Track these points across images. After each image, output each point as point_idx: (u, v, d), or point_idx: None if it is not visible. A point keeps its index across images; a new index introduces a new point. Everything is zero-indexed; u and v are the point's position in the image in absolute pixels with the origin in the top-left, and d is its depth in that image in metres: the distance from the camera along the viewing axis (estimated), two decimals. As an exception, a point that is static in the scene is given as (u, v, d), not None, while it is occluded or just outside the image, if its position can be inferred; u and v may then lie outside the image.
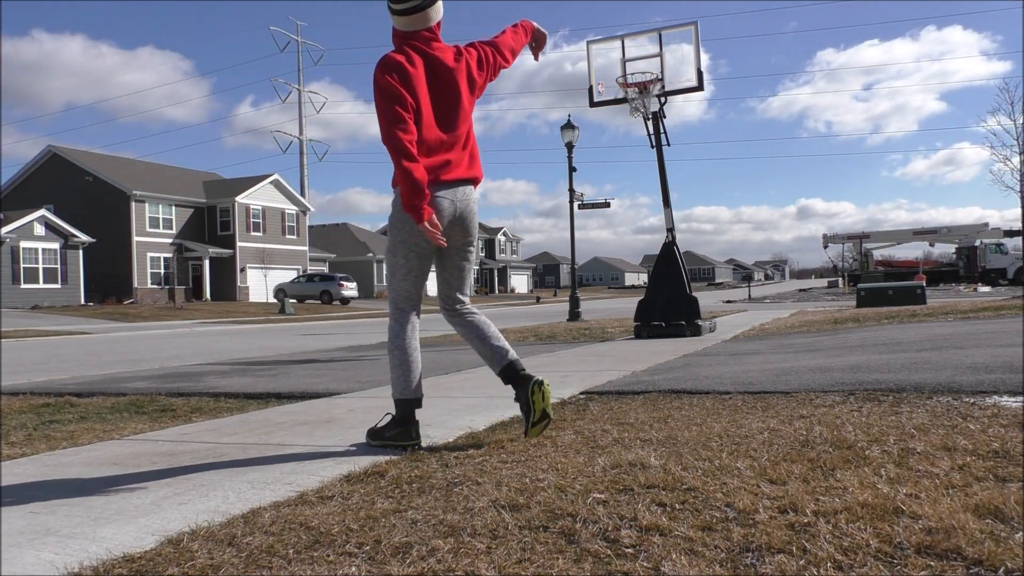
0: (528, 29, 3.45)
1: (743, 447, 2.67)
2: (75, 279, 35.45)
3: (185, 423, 4.11)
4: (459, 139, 3.08)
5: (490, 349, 3.13)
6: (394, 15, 3.04)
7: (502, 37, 3.36)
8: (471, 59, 3.18)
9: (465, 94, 3.13)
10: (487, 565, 1.65)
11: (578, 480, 2.31)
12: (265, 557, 1.78)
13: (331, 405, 4.50)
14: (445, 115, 3.04)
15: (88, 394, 5.61)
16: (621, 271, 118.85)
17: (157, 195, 40.53)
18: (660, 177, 10.20)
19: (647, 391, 4.35)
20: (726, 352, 7.07)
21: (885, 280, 34.63)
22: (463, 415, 3.80)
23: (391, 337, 3.10)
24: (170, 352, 11.51)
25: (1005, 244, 42.26)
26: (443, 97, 3.04)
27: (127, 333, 20.01)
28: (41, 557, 1.87)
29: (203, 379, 6.53)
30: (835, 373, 4.62)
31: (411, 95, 2.92)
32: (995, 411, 3.09)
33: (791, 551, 1.62)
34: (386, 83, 2.91)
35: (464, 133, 3.12)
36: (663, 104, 10.00)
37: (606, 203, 21.62)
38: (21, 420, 4.48)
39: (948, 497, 1.92)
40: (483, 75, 3.25)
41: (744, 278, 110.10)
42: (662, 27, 10.14)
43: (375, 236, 62.57)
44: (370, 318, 28.41)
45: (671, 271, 9.80)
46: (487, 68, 3.25)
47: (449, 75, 3.06)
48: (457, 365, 6.88)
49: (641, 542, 1.73)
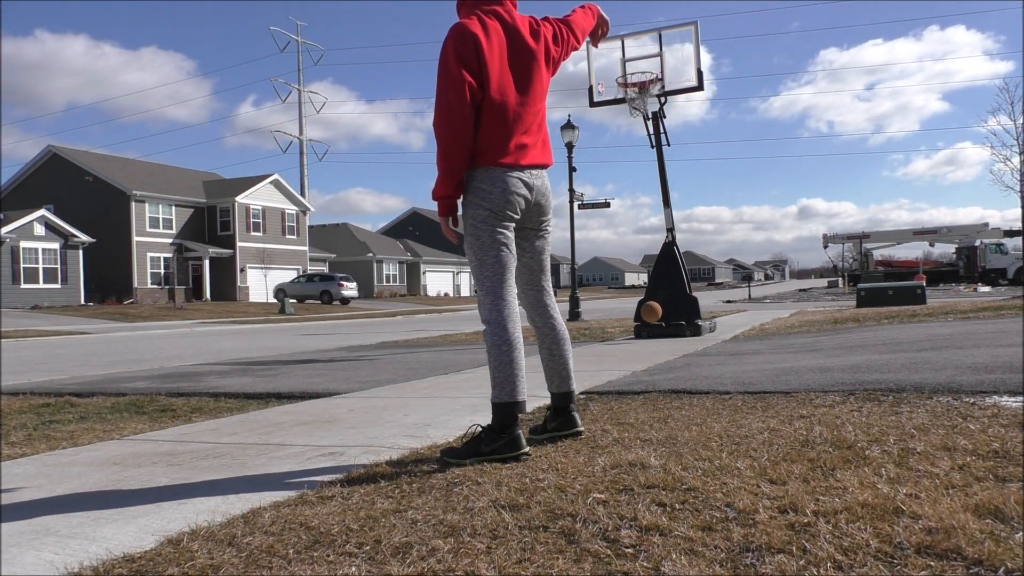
0: (595, 12, 3.21)
1: (743, 447, 2.67)
2: (75, 279, 35.45)
3: (185, 423, 4.11)
4: (536, 119, 2.86)
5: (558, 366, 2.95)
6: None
7: (573, 16, 3.12)
8: (547, 33, 2.92)
9: (545, 71, 2.89)
10: (487, 565, 1.65)
11: (578, 480, 2.31)
12: (265, 557, 1.78)
13: (331, 405, 4.50)
14: (524, 92, 2.80)
15: (88, 394, 5.61)
16: (621, 271, 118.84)
17: (157, 195, 40.52)
18: (660, 177, 10.21)
19: (647, 391, 4.35)
20: (726, 352, 7.07)
21: (885, 280, 34.65)
22: (463, 415, 3.80)
23: (497, 327, 2.73)
24: (170, 352, 11.50)
25: (1005, 244, 42.26)
26: (522, 73, 2.79)
27: (127, 333, 20.01)
28: (41, 557, 1.87)
29: (203, 379, 6.53)
30: (835, 373, 4.62)
31: (483, 73, 2.68)
32: (995, 411, 3.09)
33: (791, 551, 1.62)
34: (453, 61, 2.65)
35: (541, 113, 2.89)
36: (663, 104, 10.01)
37: (606, 203, 21.62)
38: (21, 420, 4.48)
39: (948, 497, 1.92)
40: (559, 51, 3.00)
41: (744, 278, 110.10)
42: (662, 27, 10.15)
43: (375, 236, 62.58)
44: (370, 318, 28.41)
45: (671, 271, 9.80)
46: (562, 45, 3.01)
47: (527, 49, 2.82)
48: (457, 365, 6.88)
49: (641, 542, 1.73)
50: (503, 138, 2.75)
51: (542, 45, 2.88)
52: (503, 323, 2.73)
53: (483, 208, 2.75)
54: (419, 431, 3.39)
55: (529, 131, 2.82)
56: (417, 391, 4.97)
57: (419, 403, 4.35)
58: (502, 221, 2.77)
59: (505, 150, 2.75)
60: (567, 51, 3.06)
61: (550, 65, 2.95)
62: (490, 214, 2.75)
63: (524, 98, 2.80)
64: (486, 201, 2.75)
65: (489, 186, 2.75)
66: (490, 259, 2.78)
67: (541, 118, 2.90)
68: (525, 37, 2.82)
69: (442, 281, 65.06)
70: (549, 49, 2.92)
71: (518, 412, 2.69)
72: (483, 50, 2.68)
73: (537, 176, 2.86)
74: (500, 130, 2.74)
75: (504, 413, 2.67)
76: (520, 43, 2.80)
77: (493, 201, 2.75)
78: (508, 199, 2.76)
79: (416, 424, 3.59)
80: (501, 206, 2.75)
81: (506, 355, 2.70)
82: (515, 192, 2.77)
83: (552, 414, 3.02)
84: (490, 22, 2.76)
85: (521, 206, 2.81)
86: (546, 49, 2.90)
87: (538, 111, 2.87)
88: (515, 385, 2.69)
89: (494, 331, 2.73)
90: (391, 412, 4.04)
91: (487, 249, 2.78)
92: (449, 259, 65.99)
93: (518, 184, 2.78)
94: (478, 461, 2.61)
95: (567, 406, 2.99)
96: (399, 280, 59.77)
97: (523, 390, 2.71)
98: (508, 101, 2.75)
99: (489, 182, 2.75)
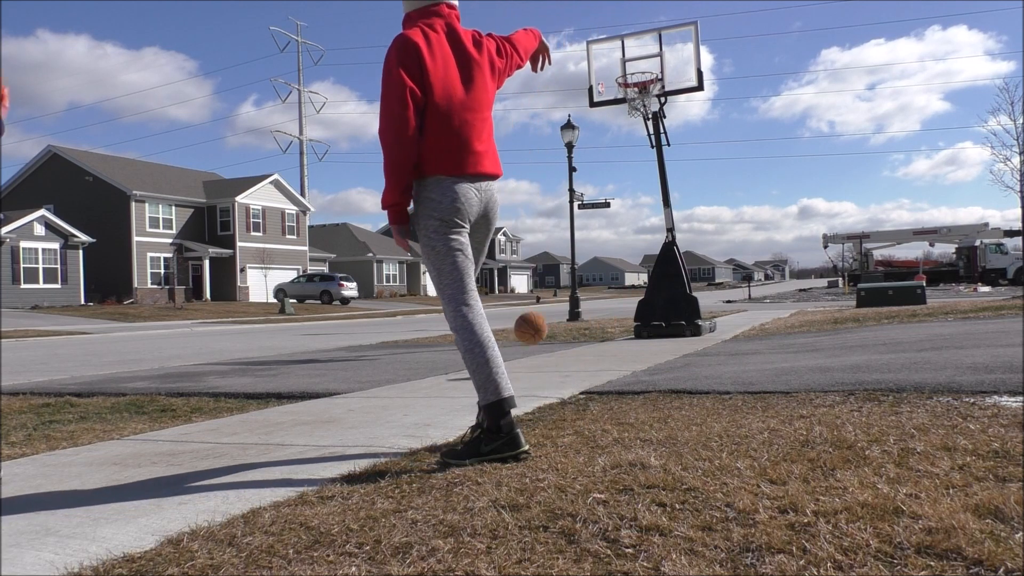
0: (536, 36, 3.28)
1: (743, 447, 2.67)
2: (75, 279, 35.44)
3: (185, 423, 4.11)
4: (484, 128, 2.89)
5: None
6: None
7: (516, 35, 3.18)
8: (491, 46, 2.98)
9: (489, 80, 2.94)
10: (487, 565, 1.65)
11: (578, 480, 2.31)
12: (265, 557, 1.78)
13: (331, 405, 4.50)
14: (469, 100, 2.84)
15: (88, 394, 5.61)
16: (621, 271, 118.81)
17: (157, 195, 40.52)
18: (660, 177, 10.21)
19: (647, 391, 4.35)
20: (726, 352, 7.07)
21: (885, 280, 34.64)
22: (463, 415, 3.80)
23: (467, 332, 2.76)
24: (170, 352, 11.50)
25: (1005, 244, 42.23)
26: (466, 81, 2.84)
27: (127, 333, 20.01)
28: (41, 557, 1.87)
29: (203, 379, 6.53)
30: (835, 373, 4.62)
31: (426, 80, 2.72)
32: (995, 411, 3.09)
33: (791, 551, 1.62)
34: (396, 71, 2.69)
35: (488, 123, 2.92)
36: (663, 104, 10.00)
37: (606, 203, 21.63)
38: (21, 420, 4.48)
39: (948, 497, 1.92)
40: (504, 63, 3.05)
41: (744, 278, 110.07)
42: (662, 27, 10.15)
43: (375, 236, 62.55)
44: (370, 318, 28.41)
45: (671, 271, 9.80)
46: (507, 59, 3.07)
47: (471, 58, 2.87)
48: (457, 365, 6.88)
49: (641, 542, 1.73)
50: (450, 146, 2.79)
51: (485, 56, 2.94)
52: (470, 327, 2.77)
53: (434, 218, 2.79)
54: (419, 431, 3.39)
55: (478, 139, 2.85)
56: (417, 391, 4.97)
57: (419, 403, 4.35)
58: (453, 228, 2.81)
59: (453, 159, 2.79)
60: (511, 67, 3.12)
61: (495, 75, 2.99)
62: (441, 223, 2.79)
63: (470, 106, 2.84)
64: (437, 211, 2.78)
65: (439, 196, 2.79)
66: (448, 267, 2.81)
67: (489, 128, 2.94)
68: (468, 47, 2.88)
69: (442, 281, 64.93)
70: (493, 60, 2.98)
71: (508, 408, 2.70)
72: (425, 58, 2.73)
73: (486, 188, 2.90)
74: (447, 138, 2.78)
75: (495, 412, 2.69)
76: (463, 53, 2.86)
77: (443, 211, 2.79)
78: (458, 208, 2.80)
79: (416, 424, 3.59)
80: (451, 215, 2.79)
81: (480, 356, 2.73)
82: (465, 201, 2.81)
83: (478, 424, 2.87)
84: (432, 33, 2.81)
85: (471, 215, 2.85)
86: (490, 60, 2.96)
87: (485, 119, 2.91)
88: (497, 383, 2.71)
89: (463, 336, 2.77)
90: (391, 412, 4.04)
91: (443, 257, 2.81)
92: (449, 259, 65.84)
93: (468, 192, 2.82)
94: (478, 461, 2.62)
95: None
96: (399, 280, 59.76)
97: (506, 386, 2.72)
98: (453, 108, 2.79)
99: (439, 192, 2.79)
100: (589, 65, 10.36)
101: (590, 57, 10.36)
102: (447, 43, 2.83)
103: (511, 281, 78.11)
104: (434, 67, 2.74)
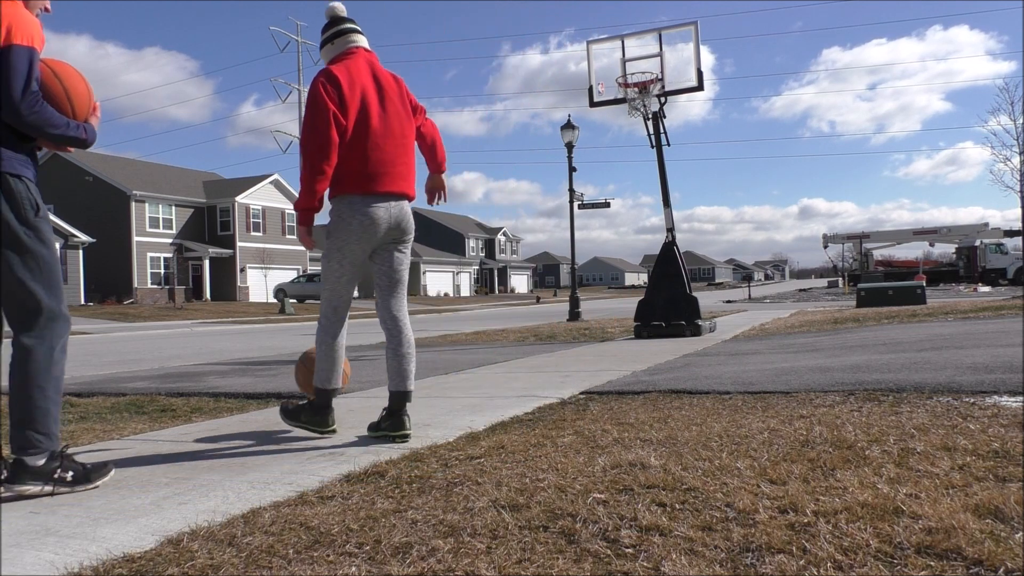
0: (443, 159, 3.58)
1: (743, 447, 2.67)
2: (75, 279, 35.41)
3: (185, 423, 4.11)
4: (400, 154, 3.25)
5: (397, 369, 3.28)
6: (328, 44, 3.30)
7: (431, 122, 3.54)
8: (404, 88, 3.37)
9: (403, 110, 3.31)
10: (487, 565, 1.65)
11: (578, 480, 2.31)
12: (265, 557, 1.78)
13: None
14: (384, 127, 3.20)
15: (88, 394, 5.61)
16: (621, 271, 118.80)
17: (157, 195, 40.52)
18: (660, 177, 10.21)
19: (647, 391, 4.35)
20: (726, 352, 7.07)
21: (885, 280, 34.62)
22: (463, 415, 3.80)
23: (325, 332, 3.30)
24: (170, 352, 11.50)
25: (1005, 244, 42.21)
26: (383, 110, 3.20)
27: (127, 333, 20.01)
28: (41, 557, 1.87)
29: (203, 379, 6.53)
30: (835, 373, 4.62)
31: (345, 106, 3.08)
32: (995, 411, 3.09)
33: (791, 551, 1.62)
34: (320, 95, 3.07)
35: (406, 148, 3.29)
36: (663, 104, 10.00)
37: (606, 203, 21.62)
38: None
39: (948, 497, 1.92)
40: (417, 106, 3.42)
41: (744, 278, 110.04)
42: (663, 27, 10.15)
43: (375, 236, 62.43)
44: (370, 318, 28.40)
45: (671, 271, 9.80)
46: (419, 113, 3.44)
47: (387, 91, 3.25)
48: (457, 365, 6.89)
49: (641, 542, 1.73)
50: (363, 167, 3.14)
51: (403, 90, 3.35)
52: (329, 328, 3.31)
53: (340, 238, 3.20)
54: (419, 431, 3.39)
55: (392, 163, 3.21)
56: (417, 391, 4.96)
57: (419, 403, 4.35)
58: (356, 247, 3.21)
59: (366, 179, 3.15)
60: (421, 116, 3.46)
61: (407, 109, 3.34)
62: (345, 243, 3.20)
63: (384, 133, 3.20)
64: (346, 231, 3.18)
65: (349, 217, 3.17)
66: (333, 277, 3.28)
67: (407, 153, 3.31)
68: (384, 80, 3.27)
69: (442, 281, 65.05)
70: (408, 97, 3.37)
71: (332, 396, 3.34)
72: (344, 89, 3.11)
73: (395, 205, 3.25)
74: (360, 160, 3.13)
75: (323, 396, 3.32)
76: (381, 87, 3.25)
77: (352, 231, 3.17)
78: (366, 229, 3.17)
79: (416, 424, 3.58)
80: (359, 231, 3.17)
81: (330, 352, 3.29)
82: (373, 220, 3.18)
83: (387, 415, 3.26)
84: (355, 69, 3.19)
85: (380, 232, 3.22)
86: (406, 97, 3.35)
87: (401, 145, 3.27)
88: (333, 376, 3.30)
89: (323, 332, 3.31)
90: (391, 412, 4.03)
91: (336, 269, 3.27)
92: (449, 259, 66.02)
93: (377, 212, 3.18)
94: (298, 425, 3.36)
95: (401, 407, 3.24)
96: (399, 280, 59.68)
97: (337, 380, 3.33)
98: (369, 135, 3.15)
99: (350, 213, 3.16)
100: (589, 65, 10.37)
101: (590, 57, 10.36)
102: (367, 77, 3.21)
103: (511, 281, 78.13)
104: (352, 97, 3.12)
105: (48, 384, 2.50)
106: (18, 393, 2.48)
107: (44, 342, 2.51)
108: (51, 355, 2.52)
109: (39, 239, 2.51)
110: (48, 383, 2.50)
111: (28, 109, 2.42)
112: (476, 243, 74.93)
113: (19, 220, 2.46)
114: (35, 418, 2.47)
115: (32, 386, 2.47)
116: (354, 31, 3.32)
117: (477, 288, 70.51)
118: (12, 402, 2.49)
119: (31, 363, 2.48)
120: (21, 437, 2.47)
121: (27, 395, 2.47)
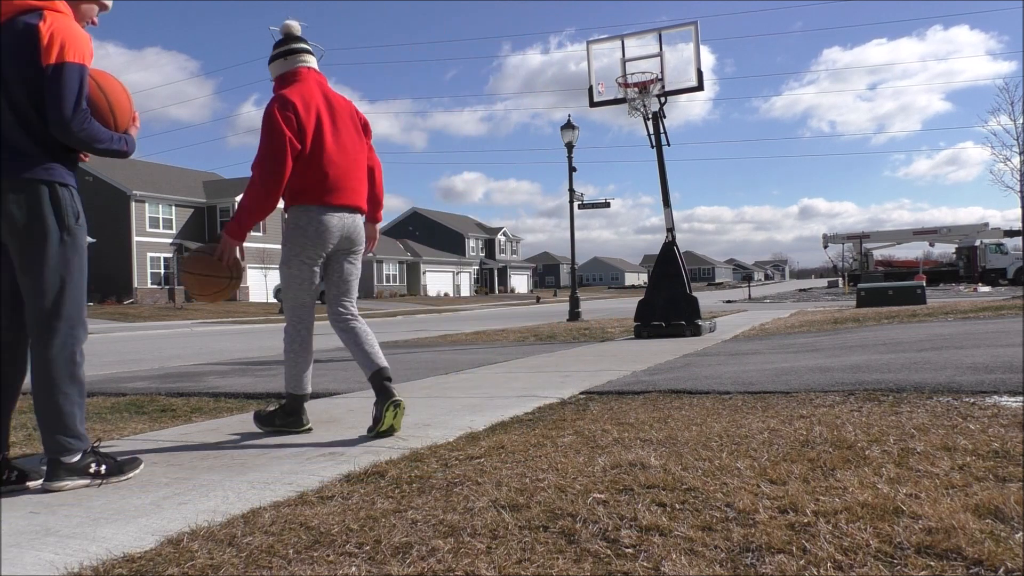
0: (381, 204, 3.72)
1: (743, 447, 2.67)
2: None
3: (185, 423, 4.12)
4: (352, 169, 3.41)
5: (364, 355, 3.38)
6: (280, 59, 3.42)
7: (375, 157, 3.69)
8: (353, 107, 3.52)
9: (357, 129, 3.49)
10: (487, 565, 1.65)
11: (578, 480, 2.31)
12: (265, 557, 1.78)
13: (331, 405, 4.51)
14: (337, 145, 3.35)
15: (88, 394, 5.60)
16: (621, 271, 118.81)
17: (157, 195, 40.53)
18: (660, 177, 10.21)
19: (647, 391, 4.35)
20: (726, 352, 7.08)
21: (885, 280, 34.61)
22: (463, 415, 3.80)
23: (292, 339, 3.44)
24: (170, 352, 11.51)
25: (1005, 244, 42.20)
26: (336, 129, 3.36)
27: (127, 333, 20.01)
28: (41, 557, 1.87)
29: (203, 379, 6.53)
30: (835, 373, 4.62)
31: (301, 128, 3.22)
32: (995, 411, 3.09)
33: (791, 551, 1.62)
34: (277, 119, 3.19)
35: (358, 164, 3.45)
36: (663, 104, 10.00)
37: (606, 203, 21.63)
38: (21, 420, 4.48)
39: (948, 497, 1.92)
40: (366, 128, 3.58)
41: (744, 278, 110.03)
42: (663, 27, 10.15)
43: (375, 236, 62.44)
44: (370, 318, 28.42)
45: (671, 271, 9.80)
46: (367, 132, 3.59)
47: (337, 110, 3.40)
48: (457, 365, 6.89)
49: (641, 542, 1.73)
50: (319, 181, 3.30)
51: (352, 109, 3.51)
52: (296, 335, 3.45)
53: (296, 245, 3.35)
54: (419, 431, 3.39)
55: (345, 177, 3.38)
56: (417, 391, 4.97)
57: (419, 403, 4.35)
58: (312, 252, 3.36)
59: (321, 191, 3.31)
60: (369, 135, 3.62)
61: (357, 127, 3.50)
62: (303, 248, 3.35)
63: (337, 149, 3.36)
64: (302, 237, 3.33)
65: (305, 224, 3.32)
66: (295, 284, 3.40)
67: (359, 169, 3.48)
68: (335, 100, 3.43)
69: (442, 281, 65.07)
70: (356, 114, 3.53)
71: (303, 401, 3.51)
72: (300, 111, 3.25)
73: (348, 217, 3.42)
74: (316, 175, 3.29)
75: (295, 401, 3.49)
76: (332, 105, 3.41)
77: (308, 237, 3.33)
78: (320, 235, 3.33)
79: (416, 424, 3.59)
80: (313, 240, 3.33)
81: (298, 357, 3.44)
82: (327, 230, 3.34)
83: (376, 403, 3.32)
84: (306, 92, 3.32)
85: (333, 240, 3.38)
86: (353, 112, 3.51)
87: (353, 161, 3.44)
88: (302, 381, 3.47)
89: (290, 338, 3.45)
90: (391, 412, 4.03)
91: (296, 277, 3.39)
92: (449, 259, 66.02)
93: (331, 221, 3.35)
94: (273, 430, 3.50)
95: (386, 389, 3.31)
96: (399, 280, 59.78)
97: (307, 385, 3.50)
98: (323, 151, 3.30)
99: (306, 220, 3.32)
100: (589, 65, 10.36)
101: (590, 57, 10.36)
102: (319, 98, 3.36)
103: (511, 281, 78.14)
104: (308, 119, 3.27)
105: (72, 389, 2.58)
106: (46, 401, 2.56)
107: (66, 349, 2.58)
108: (73, 360, 2.59)
109: (74, 245, 2.60)
110: (72, 388, 2.58)
111: (78, 127, 2.52)
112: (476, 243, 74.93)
113: (60, 227, 2.56)
114: (65, 424, 2.55)
115: (58, 392, 2.55)
116: (306, 51, 3.46)
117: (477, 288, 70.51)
118: (39, 410, 2.58)
119: (55, 369, 2.55)
120: (54, 442, 2.55)
121: (54, 402, 2.55)
